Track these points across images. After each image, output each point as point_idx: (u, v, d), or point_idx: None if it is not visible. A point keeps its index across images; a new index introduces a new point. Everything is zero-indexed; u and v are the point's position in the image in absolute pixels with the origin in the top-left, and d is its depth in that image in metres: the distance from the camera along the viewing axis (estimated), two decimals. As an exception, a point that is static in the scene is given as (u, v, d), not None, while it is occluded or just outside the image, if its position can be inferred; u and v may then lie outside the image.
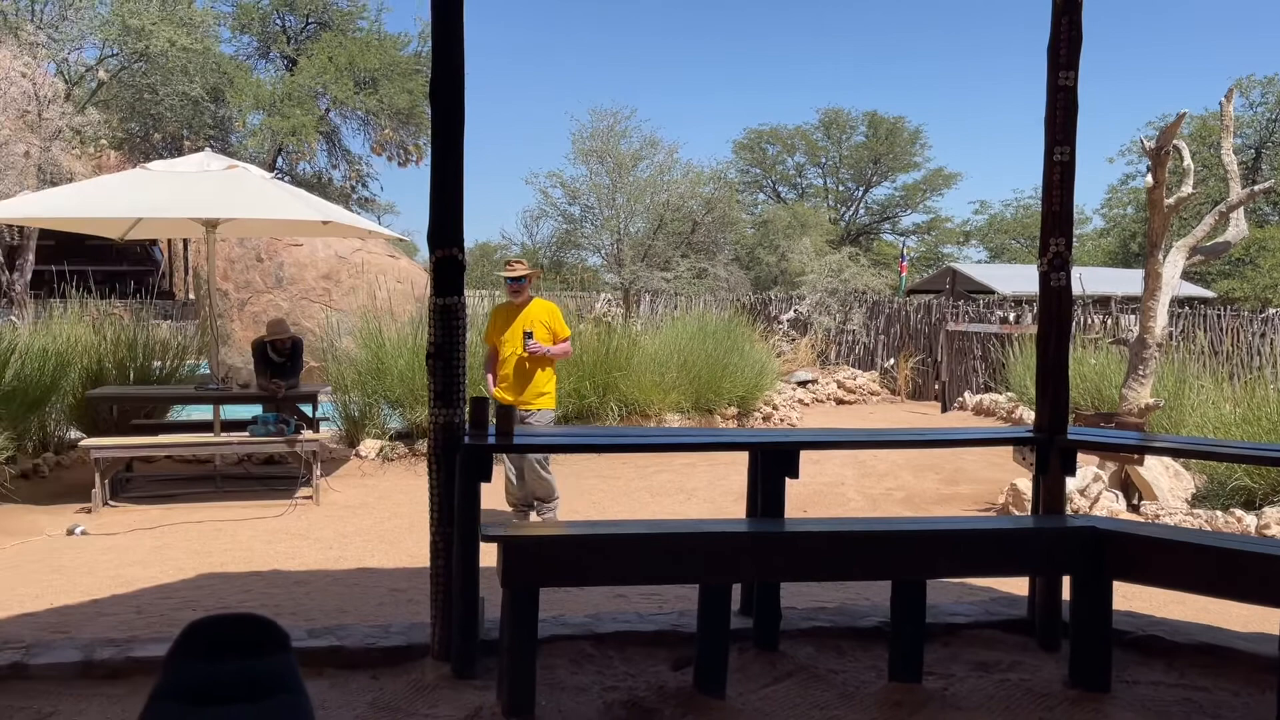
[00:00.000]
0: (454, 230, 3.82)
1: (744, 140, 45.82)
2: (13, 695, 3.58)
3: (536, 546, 3.55)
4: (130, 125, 26.88)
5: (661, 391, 10.84)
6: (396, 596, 5.11)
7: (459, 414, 3.84)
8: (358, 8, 30.52)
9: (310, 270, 13.98)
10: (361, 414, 9.52)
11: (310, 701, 0.89)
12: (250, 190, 7.95)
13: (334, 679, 3.78)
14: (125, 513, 7.34)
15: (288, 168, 29.35)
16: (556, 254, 28.40)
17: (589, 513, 7.42)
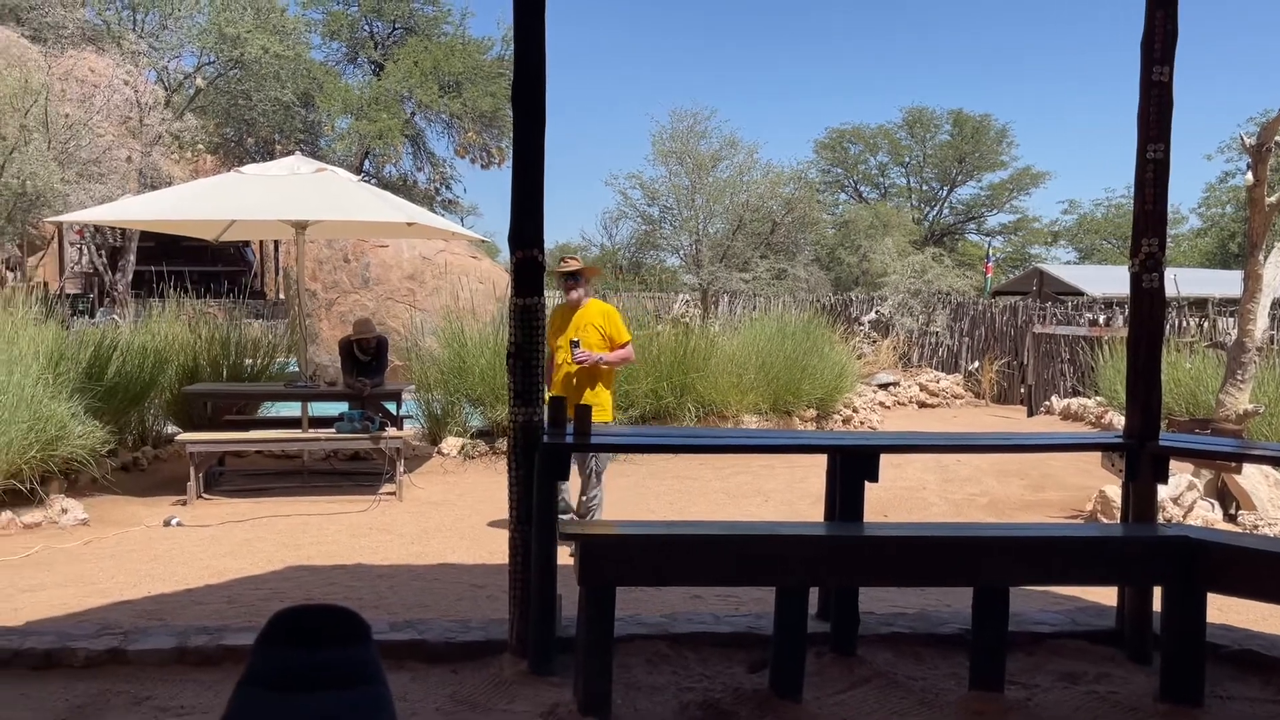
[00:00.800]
0: (534, 232, 3.86)
1: (825, 140, 45.41)
2: (111, 679, 3.74)
3: (613, 546, 3.57)
4: (225, 130, 27.76)
5: (739, 393, 10.80)
6: (476, 592, 5.19)
7: (538, 413, 3.89)
8: (443, 13, 31.06)
9: (395, 271, 14.27)
10: (444, 412, 9.69)
11: (390, 692, 0.91)
12: (338, 193, 8.15)
13: (415, 672, 3.86)
14: (218, 505, 7.58)
15: (374, 170, 29.99)
16: (635, 255, 28.49)
17: (665, 513, 7.43)
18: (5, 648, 3.86)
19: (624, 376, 9.95)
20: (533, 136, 3.84)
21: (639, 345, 10.61)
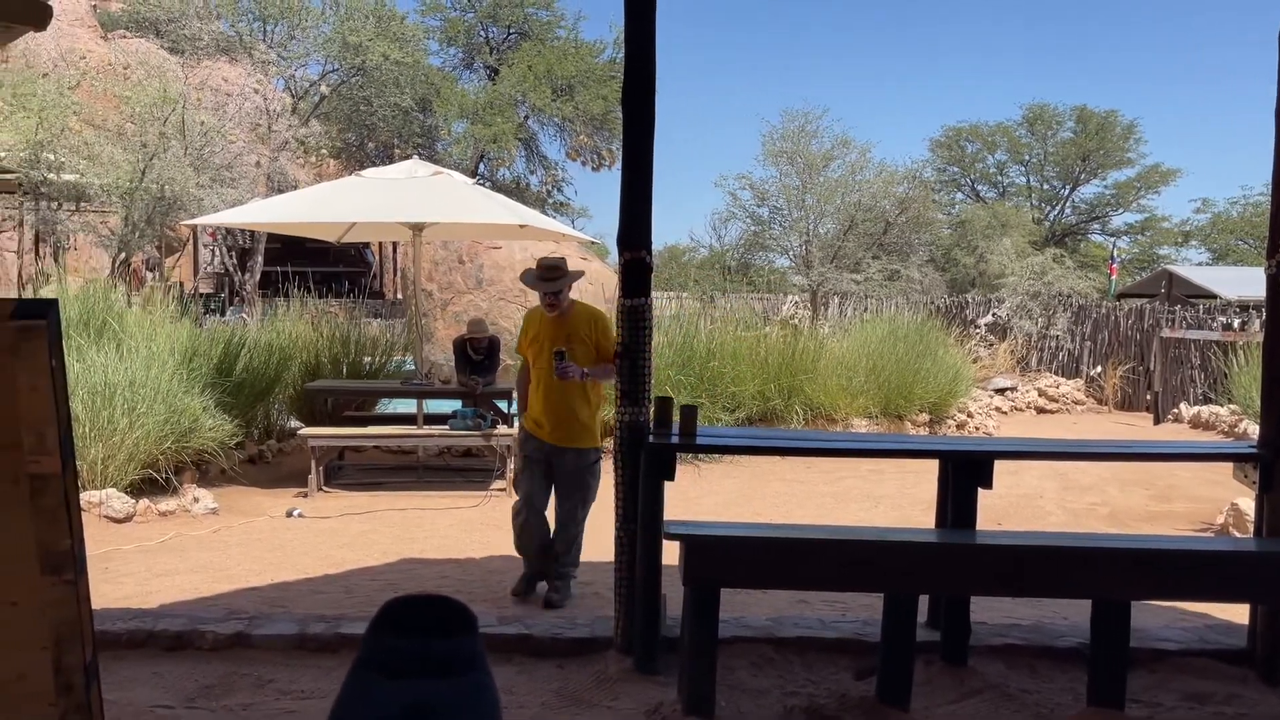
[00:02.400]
0: (642, 233, 3.89)
1: (941, 138, 44.34)
2: (237, 661, 3.92)
3: (719, 547, 3.57)
4: (347, 135, 28.71)
5: (849, 396, 10.65)
6: (583, 589, 5.25)
7: (644, 413, 3.92)
8: (556, 17, 31.47)
9: (508, 272, 14.54)
10: (552, 411, 9.81)
11: (494, 682, 0.94)
12: (453, 195, 8.36)
13: (522, 666, 3.93)
14: (336, 498, 7.85)
15: (488, 173, 30.59)
16: (744, 256, 28.37)
17: (772, 516, 7.38)
18: (140, 629, 4.08)
19: (730, 378, 9.93)
20: (641, 139, 3.87)
21: (747, 346, 10.58)
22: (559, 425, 5.03)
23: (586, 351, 5.00)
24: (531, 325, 5.24)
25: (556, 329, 5.05)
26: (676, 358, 9.96)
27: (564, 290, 5.08)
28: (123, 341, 8.01)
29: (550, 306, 5.03)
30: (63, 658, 2.30)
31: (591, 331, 5.05)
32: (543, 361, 5.02)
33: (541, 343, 5.09)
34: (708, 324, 11.23)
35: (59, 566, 2.24)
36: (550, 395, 5.02)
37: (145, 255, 21.13)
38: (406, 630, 0.92)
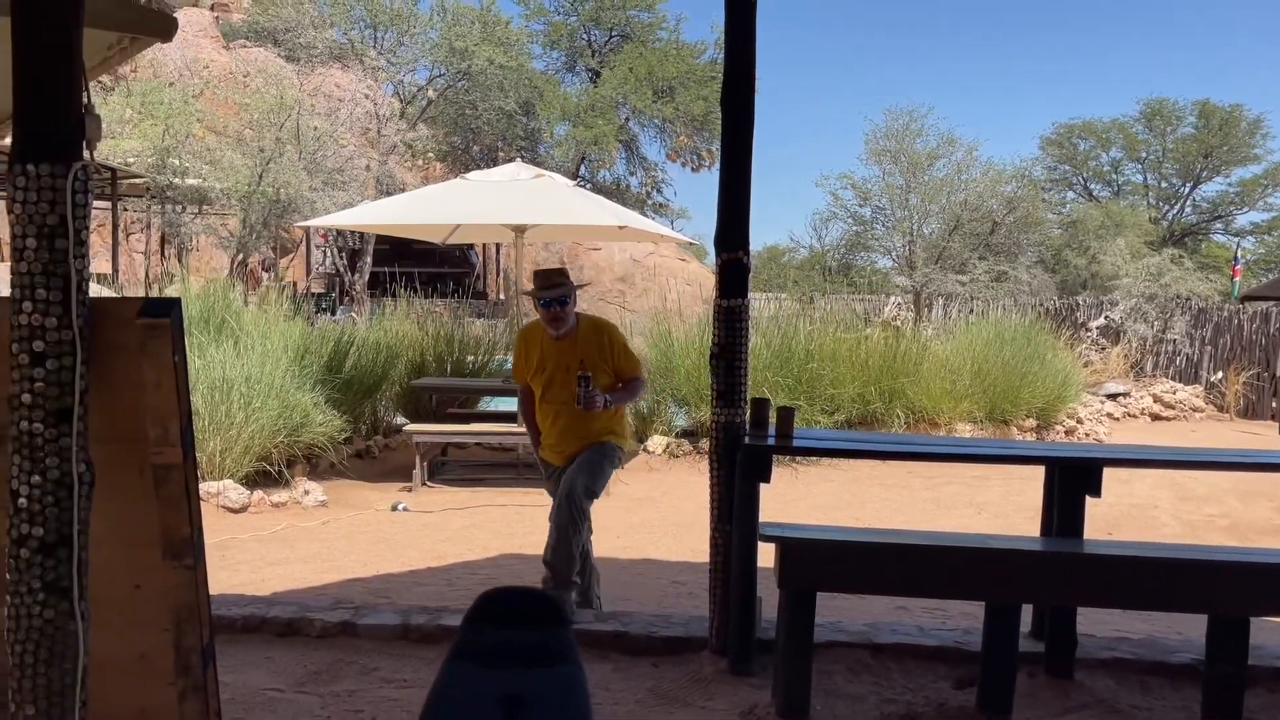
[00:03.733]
0: (740, 234, 3.89)
1: (1052, 135, 42.92)
2: (343, 650, 4.05)
3: (815, 550, 3.54)
4: (453, 139, 29.33)
5: (952, 400, 10.42)
6: (678, 589, 5.27)
7: (740, 414, 3.91)
8: (658, 19, 31.58)
9: (607, 273, 14.67)
10: (650, 411, 9.86)
11: (585, 674, 0.96)
12: (555, 197, 8.47)
13: (617, 663, 3.97)
14: (440, 493, 8.04)
15: (589, 175, 30.88)
16: (845, 257, 28.00)
17: (871, 520, 7.27)
18: (254, 615, 4.25)
19: (829, 380, 9.82)
20: (740, 139, 3.86)
21: (847, 347, 10.45)
22: (586, 446, 4.49)
23: (602, 371, 4.41)
24: (532, 349, 4.54)
25: (566, 352, 4.43)
26: (774, 359, 9.89)
27: (570, 301, 4.44)
28: (240, 339, 8.35)
29: (554, 321, 4.39)
30: (182, 639, 2.42)
31: (605, 350, 4.46)
32: (557, 392, 4.44)
33: (549, 370, 4.46)
34: (807, 325, 11.12)
35: (179, 553, 2.36)
36: (577, 426, 4.44)
37: (261, 256, 21.96)
38: (501, 622, 0.95)
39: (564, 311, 4.41)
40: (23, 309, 2.03)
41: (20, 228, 2.04)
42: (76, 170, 2.06)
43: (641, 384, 4.69)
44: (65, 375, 2.05)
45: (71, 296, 2.05)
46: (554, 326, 4.43)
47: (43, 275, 2.03)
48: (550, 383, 4.49)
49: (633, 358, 4.61)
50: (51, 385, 2.04)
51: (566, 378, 4.39)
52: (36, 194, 2.03)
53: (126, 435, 2.27)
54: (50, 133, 2.06)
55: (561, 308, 4.40)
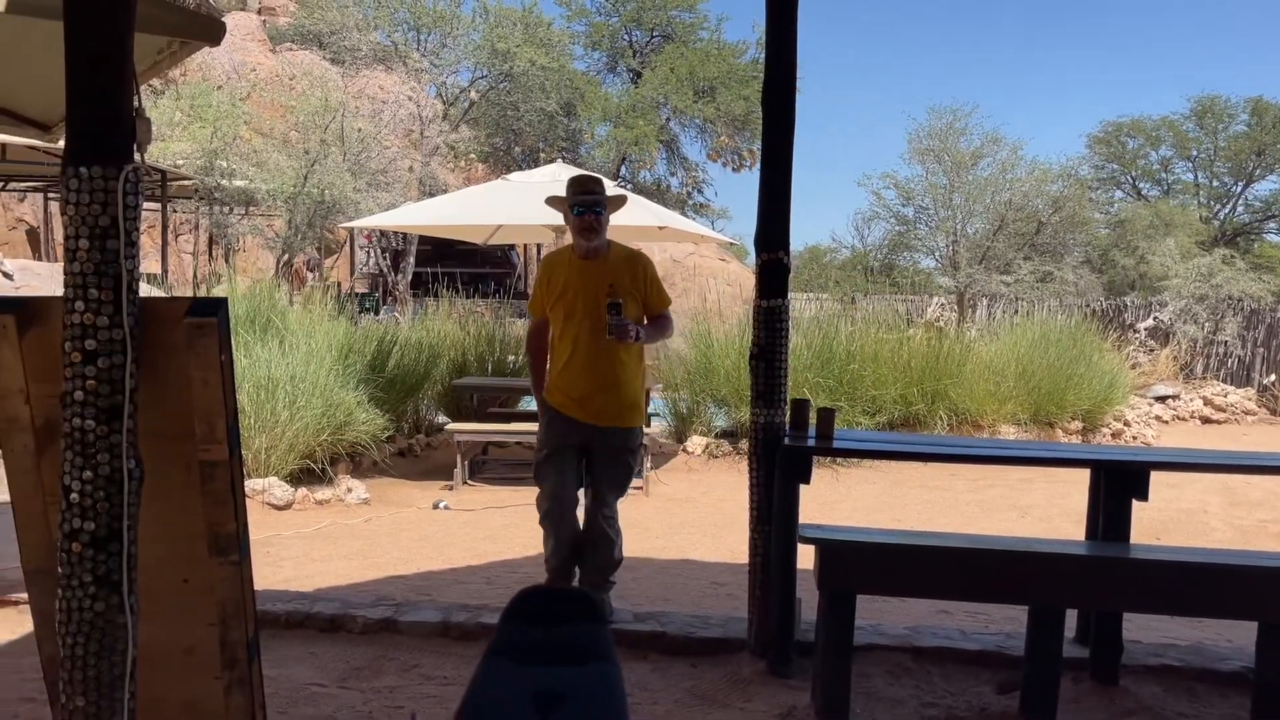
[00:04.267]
0: (780, 234, 3.88)
1: (1100, 134, 42.23)
2: (384, 646, 4.10)
3: (855, 552, 3.52)
4: (495, 140, 29.52)
5: (996, 401, 10.29)
6: (716, 589, 5.26)
7: (779, 414, 3.90)
8: (699, 19, 31.55)
9: (647, 272, 14.67)
10: (689, 411, 9.85)
11: (621, 672, 0.96)
12: (595, 198, 8.48)
13: (656, 663, 3.97)
14: (480, 492, 8.09)
15: (630, 176, 30.92)
16: (888, 257, 27.78)
17: (913, 523, 7.21)
18: (298, 610, 4.31)
19: (870, 381, 9.74)
20: (781, 139, 3.85)
21: (889, 348, 10.36)
22: (605, 401, 4.13)
23: (633, 303, 4.10)
24: (556, 273, 4.21)
25: (595, 276, 4.07)
26: (815, 360, 9.84)
27: (605, 212, 4.15)
28: (285, 338, 8.46)
29: (586, 231, 4.06)
30: (228, 634, 2.46)
31: (638, 279, 4.14)
32: (579, 320, 4.08)
33: (574, 296, 4.10)
34: (848, 326, 11.05)
35: (225, 548, 2.40)
36: (595, 364, 4.08)
37: (306, 256, 22.24)
38: (538, 619, 0.96)
39: (598, 221, 4.07)
40: (75, 308, 2.08)
41: (73, 229, 2.08)
42: (127, 172, 2.10)
43: (671, 323, 4.36)
44: (116, 373, 2.09)
45: (122, 296, 2.09)
46: (585, 236, 4.06)
47: (95, 275, 2.07)
48: (572, 311, 4.09)
49: (664, 293, 4.30)
50: (103, 383, 2.08)
51: (593, 305, 4.02)
52: (89, 196, 2.07)
53: (174, 432, 2.31)
54: (102, 136, 2.10)
55: (596, 217, 4.07)
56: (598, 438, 4.21)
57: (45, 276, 10.88)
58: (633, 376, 4.20)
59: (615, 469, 4.27)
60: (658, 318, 4.30)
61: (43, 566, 2.39)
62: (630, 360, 4.18)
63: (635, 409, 4.26)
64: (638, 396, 4.26)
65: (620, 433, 4.24)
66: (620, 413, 4.21)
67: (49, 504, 2.34)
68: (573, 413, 4.19)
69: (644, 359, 4.34)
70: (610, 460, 4.25)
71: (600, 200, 4.10)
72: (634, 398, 4.23)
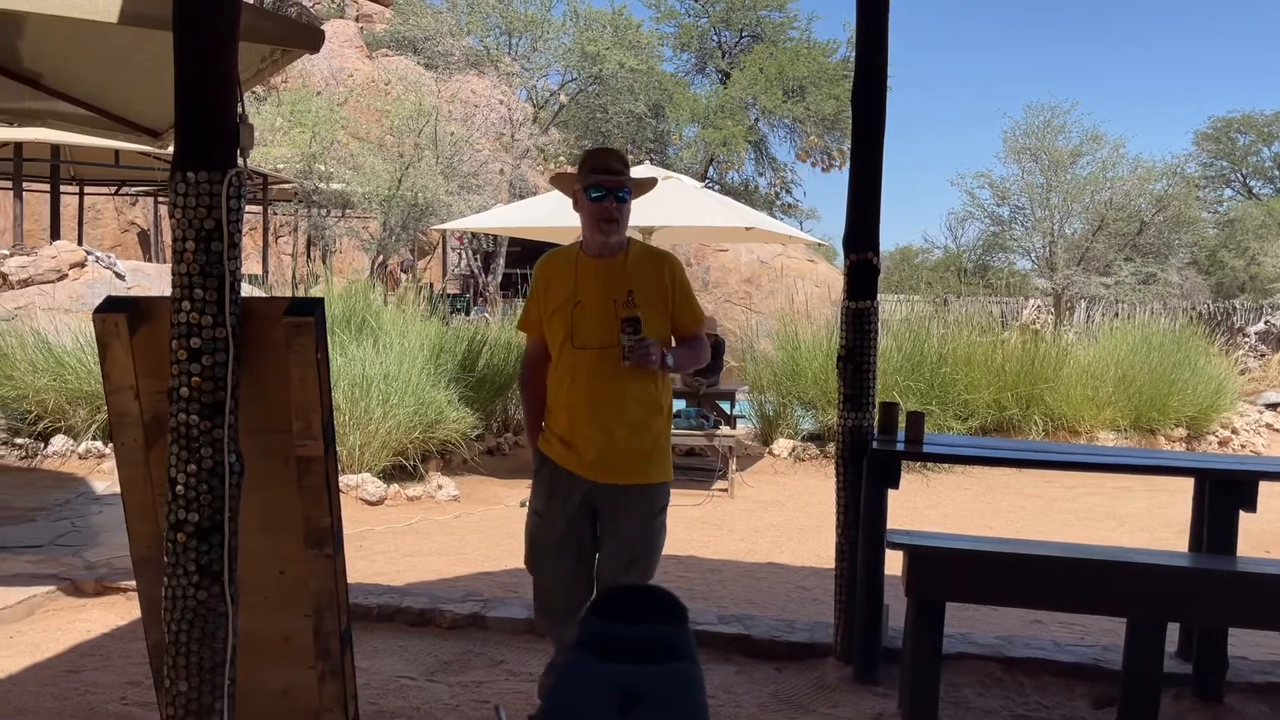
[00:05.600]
0: (869, 234, 3.83)
1: (1208, 130, 40.63)
2: (472, 641, 4.16)
3: (945, 559, 3.45)
4: (584, 142, 29.73)
5: (1095, 407, 9.98)
6: (802, 594, 5.21)
7: (867, 418, 3.85)
8: (789, 18, 31.33)
9: (734, 274, 14.62)
10: (776, 414, 9.79)
11: (701, 672, 0.97)
12: (681, 199, 8.50)
13: (740, 666, 3.95)
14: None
15: (718, 177, 30.85)
16: (981, 258, 27.17)
17: (1005, 531, 7.03)
18: (389, 605, 4.41)
19: (962, 385, 9.54)
20: (870, 138, 3.80)
21: (982, 351, 10.13)
22: (619, 449, 3.05)
23: (657, 317, 3.06)
24: (558, 277, 3.13)
25: (610, 280, 3.05)
26: (905, 363, 9.68)
27: (629, 198, 3.08)
28: (379, 338, 8.67)
29: (605, 223, 3.02)
30: (321, 625, 2.53)
31: (664, 287, 3.09)
32: (587, 335, 3.02)
33: (579, 307, 3.04)
34: (940, 328, 10.84)
35: (320, 541, 2.47)
36: (605, 397, 3.02)
37: (400, 258, 22.73)
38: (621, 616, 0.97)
39: (621, 210, 3.04)
40: (181, 307, 2.16)
41: (180, 231, 2.17)
42: (231, 177, 2.18)
43: (707, 347, 3.27)
44: (219, 370, 2.17)
45: (225, 296, 2.17)
46: (603, 229, 3.03)
47: (200, 276, 2.15)
48: (578, 323, 3.02)
49: (698, 308, 3.20)
50: (206, 380, 2.16)
51: (604, 317, 3.00)
52: (195, 199, 2.15)
53: (272, 428, 2.39)
54: (207, 143, 2.18)
55: (619, 203, 3.03)
56: (610, 499, 3.08)
57: (155, 277, 11.34)
58: (655, 414, 3.12)
59: (636, 541, 3.09)
60: (690, 339, 3.20)
61: (150, 555, 2.50)
62: (654, 392, 3.10)
63: (659, 459, 3.15)
64: (662, 441, 3.16)
65: (640, 493, 3.09)
66: (639, 465, 3.08)
67: (156, 495, 2.44)
68: (575, 467, 3.08)
69: (670, 391, 3.21)
70: (629, 530, 3.09)
71: (625, 182, 3.06)
72: (657, 443, 3.14)
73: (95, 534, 5.92)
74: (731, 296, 14.34)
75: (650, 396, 3.10)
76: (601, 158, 3.13)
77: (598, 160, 3.12)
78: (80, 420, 8.12)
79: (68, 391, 8.12)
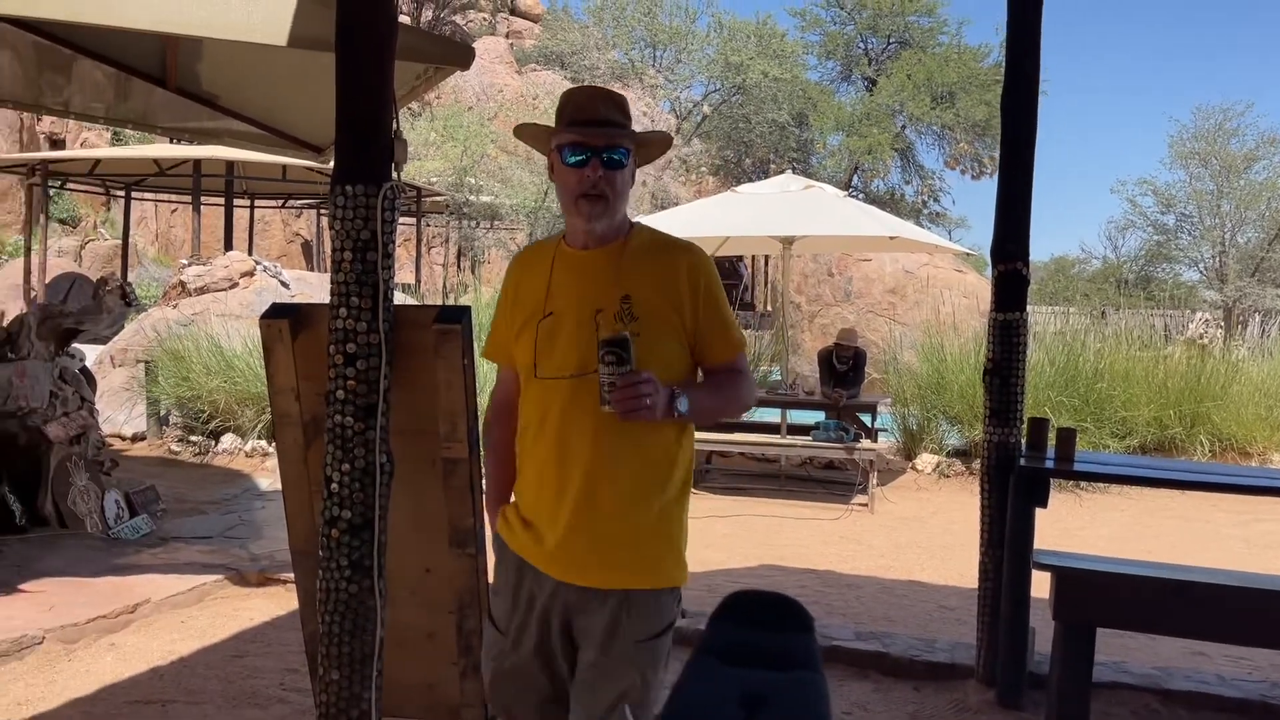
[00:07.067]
0: (1018, 243, 3.72)
1: (1404, 129, 37.55)
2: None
3: (1097, 582, 3.31)
4: (726, 152, 29.79)
5: (1268, 428, 9.35)
6: (944, 614, 5.07)
7: (1015, 433, 3.72)
8: (939, 23, 30.61)
9: (877, 285, 14.37)
10: (919, 428, 9.55)
11: (826, 682, 0.96)
12: (824, 208, 8.42)
13: (877, 683, 3.88)
14: (703, 500, 8.17)
15: (862, 185, 30.37)
16: (1144, 268, 25.85)
17: (1164, 556, 6.66)
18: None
19: (1120, 401, 9.09)
20: (1020, 144, 3.69)
21: (1142, 367, 9.62)
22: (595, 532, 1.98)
23: (668, 338, 2.01)
24: (527, 279, 2.14)
25: (594, 280, 2.03)
26: (1058, 377, 9.29)
27: (629, 160, 2.04)
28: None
29: (593, 199, 1.98)
30: (464, 622, 2.62)
31: (679, 292, 2.03)
32: (560, 360, 2.00)
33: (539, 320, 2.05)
34: (1097, 341, 10.36)
35: (464, 541, 2.56)
36: (579, 451, 1.97)
37: (546, 268, 23.22)
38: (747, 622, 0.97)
39: (614, 182, 1.99)
40: (339, 314, 2.28)
41: (339, 241, 2.29)
42: (386, 190, 2.29)
43: (749, 387, 2.14)
44: (372, 374, 2.28)
45: (379, 303, 2.28)
46: (585, 214, 1.99)
47: (356, 284, 2.27)
48: (547, 342, 2.02)
49: (733, 326, 2.09)
50: (361, 383, 2.27)
51: (585, 333, 1.97)
52: (353, 212, 2.27)
53: (420, 430, 2.49)
54: (365, 157, 2.30)
55: (612, 170, 1.98)
56: (583, 611, 2.00)
57: (316, 285, 11.95)
58: (662, 483, 2.02)
59: (620, 676, 1.97)
60: (724, 371, 2.09)
61: (307, 549, 2.64)
62: (666, 446, 2.02)
63: (666, 550, 2.05)
64: (672, 524, 2.05)
65: (629, 604, 1.98)
66: (630, 558, 1.99)
67: (313, 492, 2.58)
68: (536, 558, 2.03)
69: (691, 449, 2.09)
70: (608, 662, 1.98)
71: (618, 138, 2.00)
72: (664, 526, 2.03)
73: (259, 528, 6.27)
74: (875, 307, 14.09)
75: (659, 453, 2.01)
76: (585, 101, 2.04)
77: (580, 105, 2.03)
78: (247, 420, 8.63)
79: (236, 393, 8.65)
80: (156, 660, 4.00)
